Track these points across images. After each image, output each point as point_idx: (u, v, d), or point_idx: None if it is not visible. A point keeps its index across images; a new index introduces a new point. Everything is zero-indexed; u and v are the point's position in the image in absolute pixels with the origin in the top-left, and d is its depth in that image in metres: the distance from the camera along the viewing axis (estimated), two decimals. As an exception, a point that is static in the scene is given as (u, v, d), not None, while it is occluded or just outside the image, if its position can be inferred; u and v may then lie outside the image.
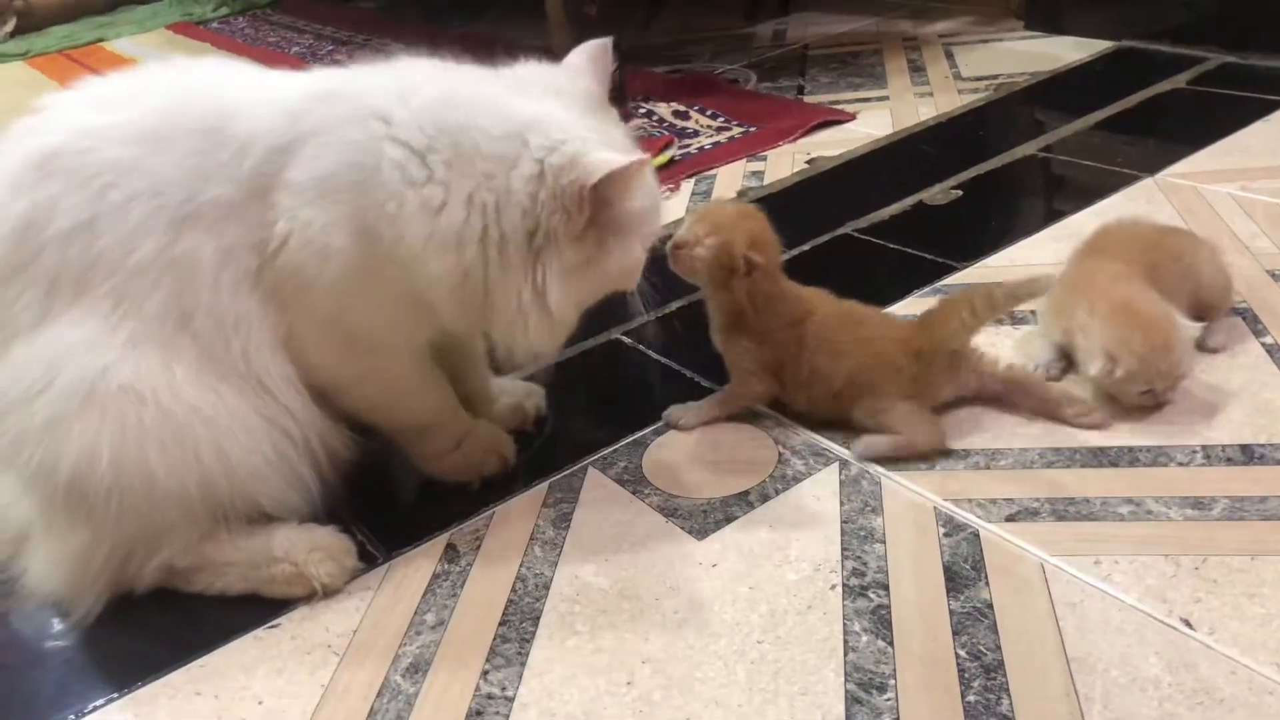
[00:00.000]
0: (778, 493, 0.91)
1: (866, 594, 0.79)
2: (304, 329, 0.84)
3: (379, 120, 0.80)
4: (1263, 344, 1.01)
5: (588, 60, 0.88)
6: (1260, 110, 1.54)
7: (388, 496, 0.93)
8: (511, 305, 0.82)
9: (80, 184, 0.80)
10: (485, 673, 0.76)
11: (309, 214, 0.80)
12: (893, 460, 0.92)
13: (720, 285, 0.97)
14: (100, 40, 3.20)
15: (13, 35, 3.37)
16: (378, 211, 0.79)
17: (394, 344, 0.88)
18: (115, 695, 0.79)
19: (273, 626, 0.83)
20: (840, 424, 0.97)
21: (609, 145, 0.81)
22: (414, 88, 0.82)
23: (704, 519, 0.89)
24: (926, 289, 1.19)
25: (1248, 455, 0.87)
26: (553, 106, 0.82)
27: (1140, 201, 1.31)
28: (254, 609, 0.85)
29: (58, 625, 0.86)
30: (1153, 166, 1.40)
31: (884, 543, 0.84)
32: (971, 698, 0.69)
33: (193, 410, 0.80)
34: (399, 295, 0.83)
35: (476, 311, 0.83)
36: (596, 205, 0.79)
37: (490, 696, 0.75)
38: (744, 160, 1.65)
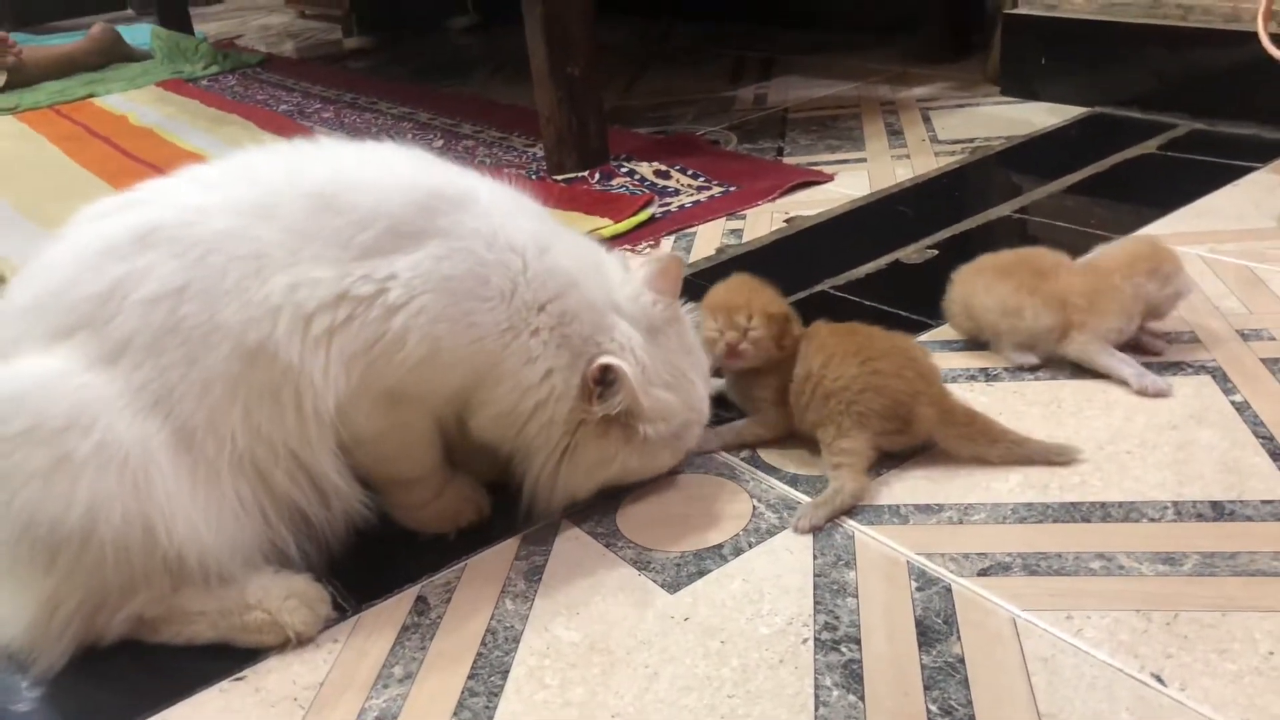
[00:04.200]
0: (751, 546, 0.91)
1: (838, 648, 0.78)
2: (364, 393, 0.85)
3: (517, 255, 0.87)
4: (1232, 402, 1.02)
5: (661, 275, 0.96)
6: (1228, 175, 1.57)
7: (359, 548, 0.93)
8: (535, 467, 0.92)
9: (180, 253, 0.82)
10: (452, 727, 0.75)
11: (425, 300, 0.83)
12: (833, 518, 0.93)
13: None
14: (91, 96, 3.23)
15: (3, 90, 3.40)
16: (489, 327, 0.86)
17: (426, 407, 0.90)
18: (74, 749, 0.78)
19: (238, 679, 0.82)
20: (814, 479, 0.97)
21: (648, 368, 0.92)
22: (549, 242, 0.90)
23: (677, 572, 0.89)
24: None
25: (1218, 511, 0.88)
26: (627, 327, 0.93)
27: (1112, 262, 1.33)
28: (219, 660, 0.84)
29: (16, 676, 0.84)
30: (1125, 228, 1.42)
31: (856, 596, 0.83)
32: (942, 753, 0.69)
33: (187, 497, 0.81)
34: (457, 384, 0.88)
35: (502, 440, 0.92)
36: (609, 407, 0.88)
37: (456, 751, 0.73)
38: (723, 219, 1.67)
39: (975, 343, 1.18)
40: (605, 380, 0.88)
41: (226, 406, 0.82)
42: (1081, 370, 1.10)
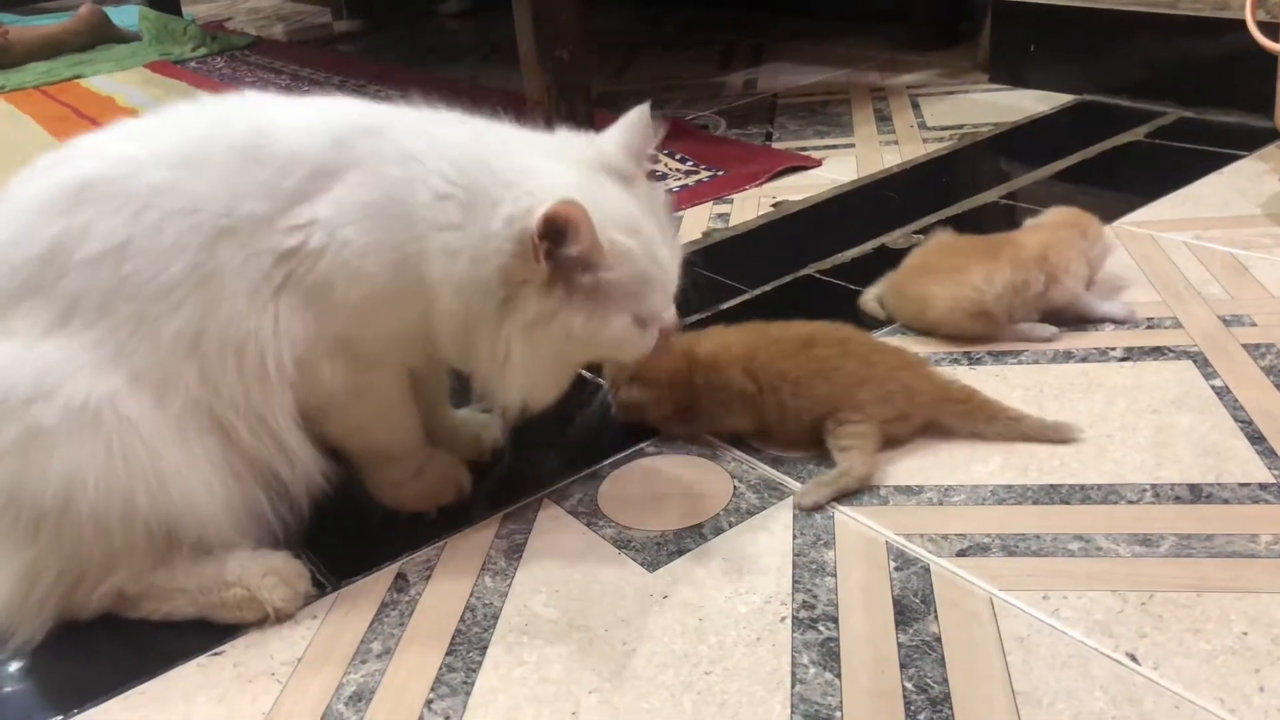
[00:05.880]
0: (731, 526, 0.91)
1: (816, 626, 0.79)
2: (319, 342, 0.84)
3: (415, 161, 0.84)
4: (1212, 386, 1.02)
5: (622, 128, 0.89)
6: (1214, 163, 1.57)
7: (340, 526, 0.93)
8: (484, 356, 0.85)
9: (116, 209, 0.81)
10: (429, 701, 0.75)
11: (349, 233, 0.82)
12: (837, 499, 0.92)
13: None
14: (77, 77, 3.21)
15: (-11, 71, 3.38)
16: (411, 246, 0.83)
17: (395, 363, 0.90)
18: (50, 722, 0.78)
19: (216, 654, 0.82)
20: (795, 460, 0.98)
21: (598, 207, 0.79)
22: (444, 134, 0.86)
23: (657, 551, 0.89)
24: (885, 330, 1.20)
25: (1196, 494, 0.88)
26: (559, 167, 0.84)
27: (1097, 248, 1.33)
28: (198, 636, 0.84)
29: (-5, 651, 0.84)
30: (1111, 215, 1.43)
31: (835, 576, 0.84)
32: (917, 730, 0.69)
33: (159, 456, 0.80)
34: (411, 320, 0.85)
35: (466, 353, 0.86)
36: (556, 257, 0.79)
37: (433, 726, 0.74)
38: (710, 203, 1.66)
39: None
40: (552, 232, 0.78)
41: (182, 364, 0.81)
42: (1065, 354, 1.11)
